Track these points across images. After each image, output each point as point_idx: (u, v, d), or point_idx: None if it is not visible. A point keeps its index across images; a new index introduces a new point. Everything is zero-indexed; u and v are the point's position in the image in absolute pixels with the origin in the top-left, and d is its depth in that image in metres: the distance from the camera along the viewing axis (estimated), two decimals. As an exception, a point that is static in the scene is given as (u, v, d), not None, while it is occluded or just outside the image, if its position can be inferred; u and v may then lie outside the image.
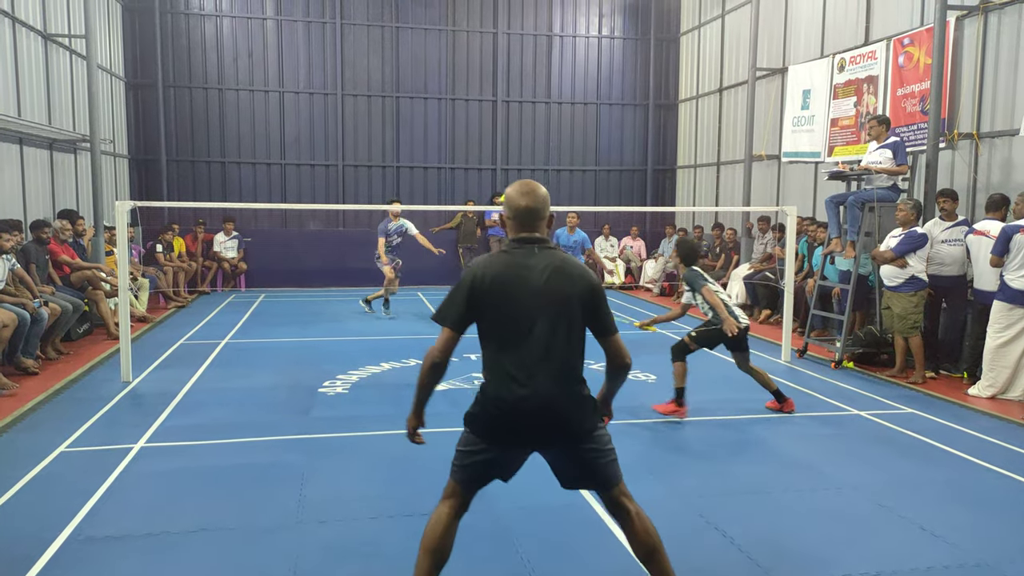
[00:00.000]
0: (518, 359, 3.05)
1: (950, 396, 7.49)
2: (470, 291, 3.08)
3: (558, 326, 3.04)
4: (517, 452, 3.20)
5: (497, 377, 3.10)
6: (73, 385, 7.63)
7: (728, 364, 9.00)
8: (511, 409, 3.06)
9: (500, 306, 3.06)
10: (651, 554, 3.19)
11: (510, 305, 3.05)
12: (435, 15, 16.80)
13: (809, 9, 12.70)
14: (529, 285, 3.05)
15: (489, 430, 3.14)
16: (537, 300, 3.04)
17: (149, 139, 15.91)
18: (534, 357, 3.04)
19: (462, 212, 16.28)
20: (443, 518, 3.18)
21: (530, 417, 3.05)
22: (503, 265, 3.09)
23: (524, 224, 3.14)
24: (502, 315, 3.07)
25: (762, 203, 13.80)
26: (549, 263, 3.08)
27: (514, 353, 3.06)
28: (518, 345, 3.05)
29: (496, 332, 3.11)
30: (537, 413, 3.04)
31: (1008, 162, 8.83)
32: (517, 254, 3.11)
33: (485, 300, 3.07)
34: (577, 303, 3.07)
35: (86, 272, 9.98)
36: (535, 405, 3.03)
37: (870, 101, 10.90)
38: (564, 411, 3.07)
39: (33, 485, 4.99)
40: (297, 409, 6.88)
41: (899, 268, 8.03)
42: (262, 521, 4.46)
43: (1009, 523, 4.57)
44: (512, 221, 3.16)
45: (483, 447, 3.15)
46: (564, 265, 3.10)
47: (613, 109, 17.88)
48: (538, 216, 3.14)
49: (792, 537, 4.33)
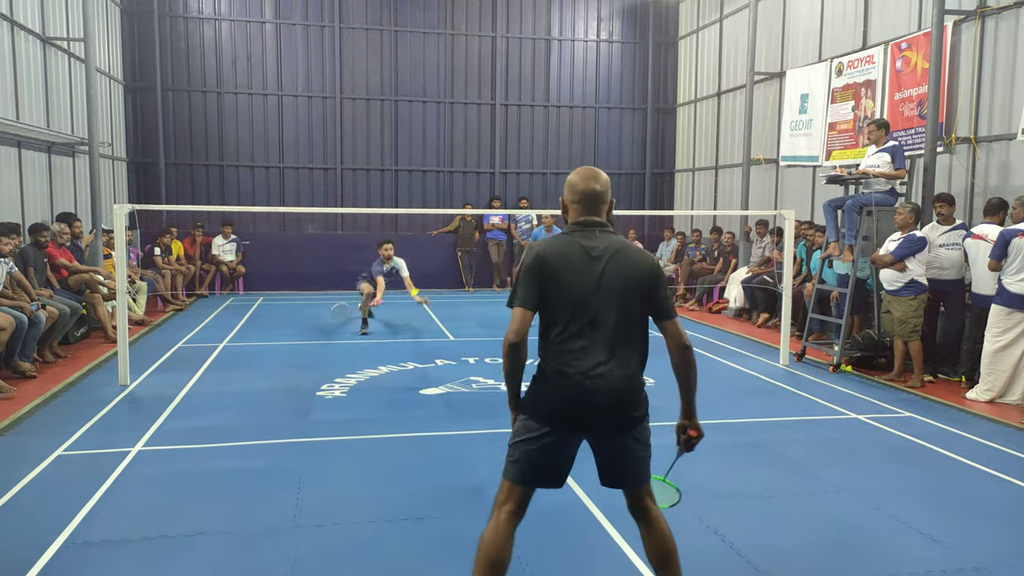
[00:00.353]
0: (577, 339, 3.05)
1: (948, 400, 7.49)
2: (531, 269, 3.10)
3: (618, 308, 3.06)
4: (573, 436, 3.13)
5: (556, 356, 3.08)
6: (70, 388, 7.62)
7: (726, 368, 9.01)
8: (571, 387, 3.03)
9: (560, 286, 3.07)
10: (665, 560, 3.18)
11: (570, 285, 3.06)
12: (434, 19, 16.82)
13: (807, 13, 12.73)
14: (590, 266, 3.06)
15: (548, 411, 3.08)
16: (597, 281, 3.05)
17: (147, 142, 15.91)
18: (593, 337, 3.04)
19: (460, 216, 16.29)
20: (501, 525, 3.07)
21: (588, 395, 3.02)
22: (564, 245, 3.12)
23: (587, 208, 3.17)
24: (562, 295, 3.07)
25: (760, 207, 13.81)
26: (610, 245, 3.11)
27: (573, 333, 3.06)
28: (578, 325, 3.05)
29: (555, 312, 3.09)
30: (595, 392, 3.02)
31: (1005, 166, 8.85)
32: (578, 236, 3.13)
33: (546, 279, 3.07)
34: (636, 286, 3.08)
35: (84, 275, 9.97)
36: (594, 384, 3.02)
37: (868, 105, 10.93)
38: (621, 392, 3.05)
39: (30, 489, 4.98)
40: (295, 412, 6.87)
41: (898, 272, 8.03)
42: (260, 525, 4.45)
43: (1007, 527, 4.56)
44: (575, 205, 3.19)
45: (543, 431, 3.08)
46: (625, 248, 3.13)
47: (611, 113, 17.90)
48: (601, 200, 3.18)
49: (791, 541, 4.33)
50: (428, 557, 4.09)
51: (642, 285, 3.09)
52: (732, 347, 10.31)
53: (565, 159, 17.74)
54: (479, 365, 8.85)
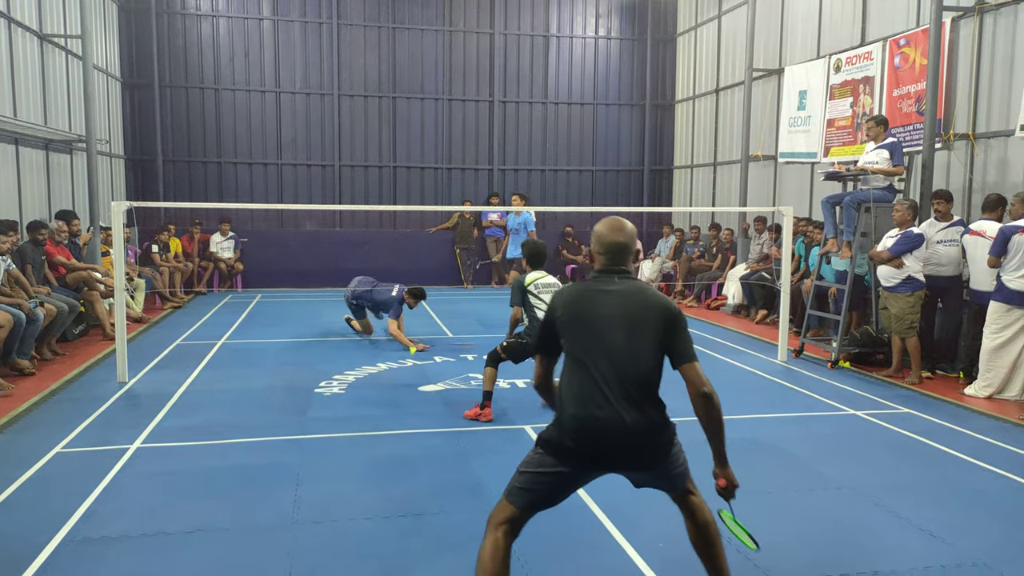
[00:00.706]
0: (594, 381, 3.08)
1: (946, 396, 7.49)
2: (546, 320, 3.27)
3: (634, 352, 3.08)
4: (592, 474, 3.22)
5: (574, 399, 3.12)
6: (69, 386, 7.61)
7: (721, 364, 9.02)
8: (589, 431, 3.07)
9: (576, 331, 3.16)
10: (708, 549, 3.29)
11: (586, 329, 3.14)
12: (432, 15, 16.80)
13: (805, 10, 12.72)
14: (606, 309, 3.13)
15: (566, 451, 3.12)
16: (614, 324, 3.11)
17: (145, 139, 15.88)
18: (610, 380, 3.06)
19: (459, 213, 16.28)
20: (500, 544, 3.11)
21: (607, 439, 3.06)
22: (580, 292, 3.23)
23: (613, 259, 3.26)
24: (579, 339, 3.15)
25: (759, 203, 13.81)
26: (627, 289, 3.18)
27: (591, 375, 3.09)
28: (595, 367, 3.09)
29: (573, 354, 3.17)
30: (614, 436, 3.05)
31: (1004, 162, 8.85)
32: (597, 281, 3.24)
33: (562, 326, 3.20)
34: (652, 328, 3.10)
35: (82, 273, 9.95)
36: (612, 428, 3.04)
37: (866, 102, 10.92)
38: (638, 436, 3.07)
39: (29, 486, 4.98)
40: (293, 410, 6.87)
41: (896, 268, 8.04)
42: (258, 521, 4.45)
43: (1006, 523, 4.57)
44: (601, 256, 3.28)
45: (559, 469, 3.14)
46: (642, 292, 3.19)
47: (610, 109, 17.89)
48: (627, 251, 3.27)
49: (790, 537, 4.34)
50: (426, 554, 4.09)
51: (659, 328, 3.10)
52: (730, 344, 10.32)
53: (564, 156, 17.73)
54: (478, 362, 8.85)
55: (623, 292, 3.16)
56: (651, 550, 4.14)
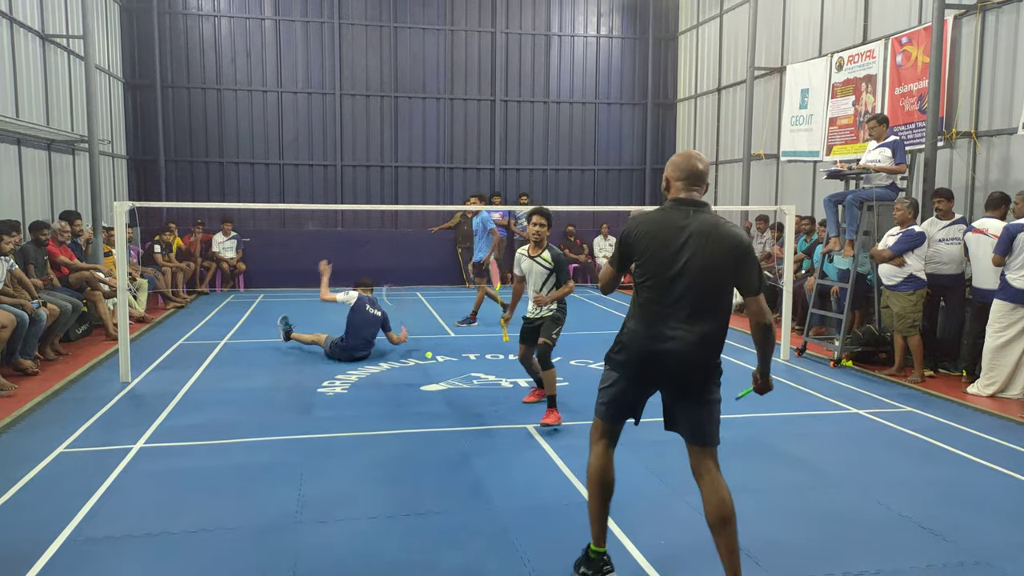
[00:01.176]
0: (656, 304, 3.41)
1: (949, 394, 7.49)
2: (622, 238, 3.60)
3: (698, 281, 3.35)
4: (645, 387, 3.57)
5: (637, 318, 3.49)
6: (72, 386, 7.62)
7: (726, 363, 9.01)
8: (643, 347, 3.44)
9: (647, 256, 3.45)
10: (721, 524, 3.40)
11: (658, 259, 3.41)
12: (433, 15, 16.80)
13: (807, 8, 12.70)
14: (678, 242, 3.37)
15: (623, 363, 3.53)
16: (685, 256, 3.35)
17: (147, 139, 15.91)
18: (671, 304, 3.37)
19: (461, 212, 16.27)
20: (601, 453, 3.64)
21: (657, 355, 3.40)
22: (656, 222, 3.48)
23: (688, 185, 3.49)
24: (648, 264, 3.45)
25: (761, 202, 13.81)
26: (702, 222, 3.39)
27: (654, 299, 3.42)
28: (658, 292, 3.40)
29: (642, 278, 3.48)
30: (663, 353, 3.39)
31: (1006, 160, 8.84)
32: (672, 213, 3.46)
33: (633, 249, 3.51)
34: (722, 261, 3.34)
35: (84, 273, 9.97)
36: (663, 347, 3.38)
37: (868, 100, 10.91)
38: (687, 355, 3.37)
39: (33, 486, 4.99)
40: (297, 409, 6.88)
41: (897, 267, 8.03)
42: (262, 521, 4.46)
43: (1009, 521, 4.57)
44: (677, 183, 3.51)
45: (616, 378, 3.57)
46: (716, 227, 3.38)
47: (612, 108, 17.88)
48: (701, 179, 3.51)
49: (793, 536, 4.34)
50: (430, 553, 4.09)
51: (728, 262, 3.34)
52: (733, 342, 10.27)
53: (565, 155, 17.73)
54: (480, 361, 8.85)
55: (698, 225, 3.38)
56: (652, 548, 4.14)
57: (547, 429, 6.15)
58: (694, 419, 3.47)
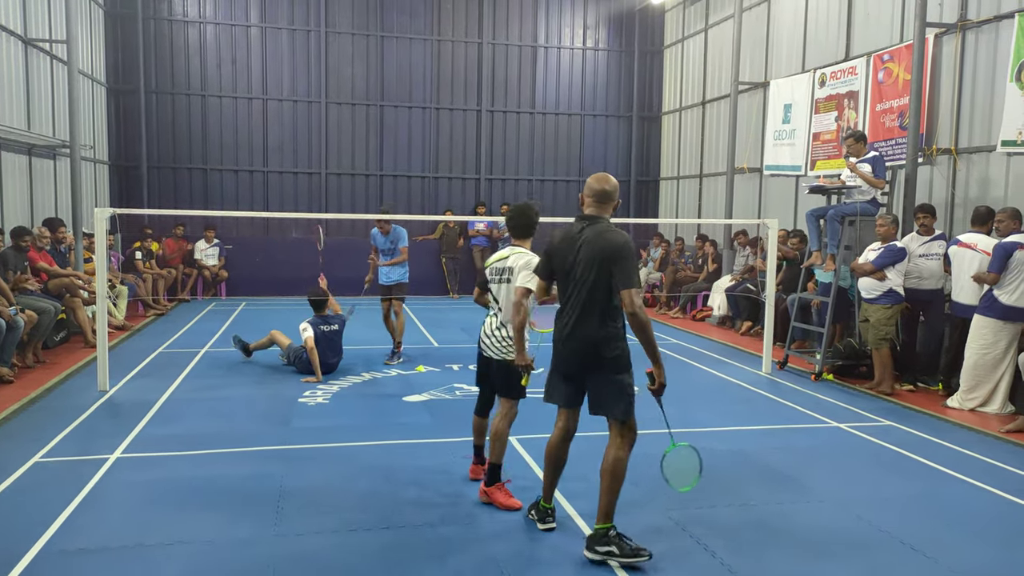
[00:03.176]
0: (563, 307, 4.24)
1: (928, 408, 7.54)
2: (545, 254, 4.38)
3: (589, 279, 4.06)
4: (563, 373, 4.27)
5: (556, 319, 4.31)
6: (49, 394, 7.52)
7: (708, 376, 9.04)
8: (557, 342, 4.28)
9: (557, 265, 4.27)
10: (604, 473, 4.10)
11: (561, 264, 4.21)
12: (420, 24, 16.82)
13: (791, 24, 12.83)
14: (572, 248, 4.14)
15: (552, 357, 4.33)
16: (576, 259, 4.11)
17: (130, 145, 15.78)
18: (573, 303, 4.15)
19: (443, 223, 16.25)
20: (555, 433, 4.41)
21: (568, 345, 4.19)
22: (562, 237, 4.25)
23: (594, 202, 4.22)
24: (558, 271, 4.27)
25: (744, 215, 13.89)
26: (591, 231, 4.11)
27: (563, 301, 4.25)
28: (567, 294, 4.20)
29: (558, 284, 4.32)
30: (571, 344, 4.17)
31: (985, 178, 8.95)
32: (573, 227, 4.23)
33: (551, 260, 4.31)
34: (599, 261, 4.02)
35: (64, 279, 9.86)
36: (571, 338, 4.16)
37: (851, 116, 11.02)
38: (588, 343, 4.10)
39: (6, 496, 4.91)
40: (277, 419, 6.83)
41: (878, 281, 8.10)
42: (240, 533, 4.41)
43: (988, 537, 4.60)
44: (587, 199, 4.25)
45: (553, 372, 4.35)
46: (599, 235, 4.08)
47: (597, 120, 17.95)
48: (607, 198, 4.21)
49: (774, 551, 4.34)
50: (410, 566, 4.06)
51: (603, 261, 4.02)
52: (715, 355, 10.35)
53: (551, 165, 17.77)
54: (463, 372, 8.83)
55: (587, 234, 4.11)
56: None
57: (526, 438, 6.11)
58: (603, 393, 4.12)
